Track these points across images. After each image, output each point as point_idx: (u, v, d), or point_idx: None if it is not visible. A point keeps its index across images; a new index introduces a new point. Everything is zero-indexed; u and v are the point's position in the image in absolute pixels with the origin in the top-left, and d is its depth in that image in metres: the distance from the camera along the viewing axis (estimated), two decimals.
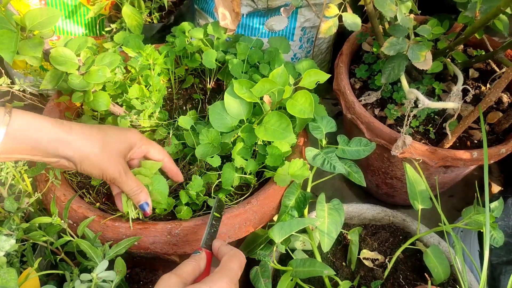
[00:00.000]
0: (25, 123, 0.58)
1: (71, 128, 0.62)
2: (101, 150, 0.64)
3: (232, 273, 0.56)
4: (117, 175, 0.66)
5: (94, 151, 0.63)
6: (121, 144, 0.67)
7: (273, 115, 0.77)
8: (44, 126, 0.59)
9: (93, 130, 0.64)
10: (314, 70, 0.81)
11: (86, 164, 0.63)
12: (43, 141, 0.59)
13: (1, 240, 0.55)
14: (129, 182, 0.68)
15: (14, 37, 0.64)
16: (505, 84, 0.75)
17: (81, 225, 0.68)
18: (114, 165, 0.65)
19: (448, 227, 0.70)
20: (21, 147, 0.58)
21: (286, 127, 0.76)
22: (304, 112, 0.76)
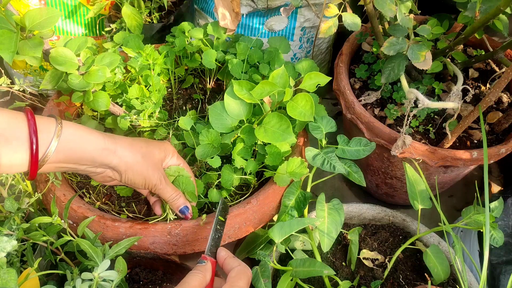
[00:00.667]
0: (75, 134, 0.60)
1: (115, 139, 0.65)
2: (144, 159, 0.67)
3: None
4: (158, 182, 0.69)
5: (137, 160, 0.66)
6: (160, 153, 0.71)
7: (273, 116, 0.77)
8: (92, 136, 0.62)
9: (135, 140, 0.68)
10: (314, 73, 0.81)
11: (130, 173, 0.66)
12: (91, 151, 0.61)
13: (2, 241, 0.55)
14: (169, 189, 0.71)
15: (14, 37, 0.64)
16: (505, 84, 0.75)
17: (81, 225, 0.68)
18: (156, 172, 0.69)
19: (448, 227, 0.70)
20: (71, 156, 0.60)
21: (286, 128, 0.76)
22: (305, 115, 0.76)
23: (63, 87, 0.79)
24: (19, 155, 0.54)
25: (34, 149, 0.55)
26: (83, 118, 0.90)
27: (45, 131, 0.57)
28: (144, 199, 0.83)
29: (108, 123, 0.87)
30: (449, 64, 0.95)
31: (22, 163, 0.56)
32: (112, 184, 0.70)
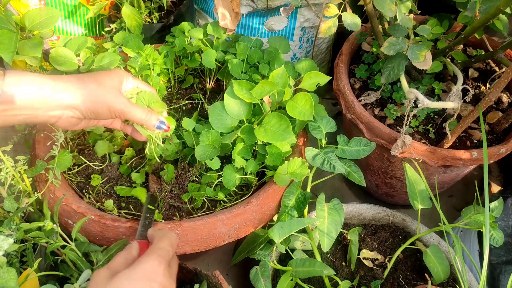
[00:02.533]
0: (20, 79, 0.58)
1: (66, 78, 0.62)
2: (99, 87, 0.64)
3: (161, 252, 0.57)
4: (123, 106, 0.66)
5: (92, 89, 0.63)
6: (113, 80, 0.68)
7: (273, 116, 0.77)
8: (40, 79, 0.60)
9: (84, 76, 0.65)
10: (314, 72, 0.81)
11: (90, 104, 0.63)
12: (42, 92, 0.59)
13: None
14: (137, 110, 0.68)
15: (14, 37, 0.64)
16: (504, 84, 0.75)
17: (75, 228, 0.67)
18: (117, 98, 0.66)
19: (448, 227, 0.70)
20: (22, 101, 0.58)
21: (286, 128, 0.76)
22: (304, 114, 0.76)
23: None
24: None
25: None
26: None
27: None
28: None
29: None
30: (449, 64, 0.96)
31: None
32: (82, 127, 0.69)
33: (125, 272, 0.54)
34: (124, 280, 0.53)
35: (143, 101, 0.71)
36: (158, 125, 0.71)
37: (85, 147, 0.89)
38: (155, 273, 0.54)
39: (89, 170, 0.86)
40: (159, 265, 0.55)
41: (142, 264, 0.55)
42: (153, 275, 0.54)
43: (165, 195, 0.82)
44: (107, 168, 0.86)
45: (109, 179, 0.85)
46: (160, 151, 0.75)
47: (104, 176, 0.85)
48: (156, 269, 0.55)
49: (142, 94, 0.71)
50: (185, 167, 0.85)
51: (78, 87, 0.62)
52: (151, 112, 0.71)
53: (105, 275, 0.54)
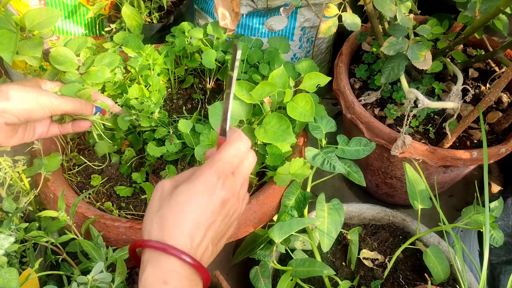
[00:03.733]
0: None
1: None
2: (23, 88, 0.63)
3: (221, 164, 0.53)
4: (53, 98, 0.65)
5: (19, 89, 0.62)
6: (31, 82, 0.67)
7: (273, 117, 0.77)
8: None
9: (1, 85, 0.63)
10: (315, 73, 0.81)
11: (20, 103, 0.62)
12: None
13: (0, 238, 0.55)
14: (69, 100, 0.68)
15: (14, 37, 0.64)
16: (504, 84, 0.75)
17: (85, 223, 0.68)
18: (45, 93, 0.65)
19: (448, 227, 0.70)
20: None
21: (286, 129, 0.75)
22: (305, 116, 0.76)
23: None
24: None
25: None
26: None
27: None
28: (144, 200, 0.83)
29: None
30: (449, 64, 0.96)
31: None
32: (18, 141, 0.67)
33: (184, 185, 0.53)
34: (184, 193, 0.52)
35: (69, 92, 0.71)
36: (96, 111, 0.72)
37: (85, 147, 0.89)
38: (213, 187, 0.52)
39: (89, 170, 0.86)
40: (218, 180, 0.53)
41: (200, 177, 0.53)
42: (212, 189, 0.52)
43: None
44: (107, 168, 0.86)
45: (109, 179, 0.85)
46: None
47: (104, 176, 0.85)
48: (214, 183, 0.53)
49: (64, 88, 0.71)
50: (185, 167, 0.85)
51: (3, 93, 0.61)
52: (84, 100, 0.71)
53: (169, 186, 0.53)
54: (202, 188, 0.52)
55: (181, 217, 0.51)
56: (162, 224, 0.51)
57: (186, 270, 0.49)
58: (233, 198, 0.54)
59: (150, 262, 0.49)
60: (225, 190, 0.53)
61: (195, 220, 0.51)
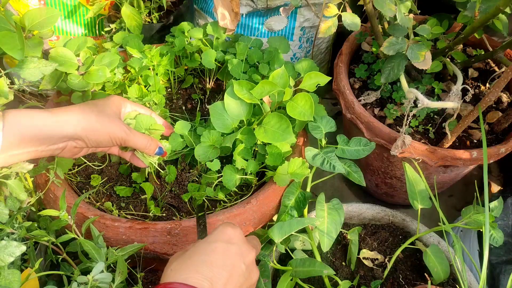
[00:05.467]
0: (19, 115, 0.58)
1: (65, 110, 0.63)
2: (99, 117, 0.65)
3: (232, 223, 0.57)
4: (124, 134, 0.67)
5: (93, 120, 0.64)
6: (111, 109, 0.69)
7: (273, 116, 0.77)
8: (39, 115, 0.60)
9: (82, 105, 0.66)
10: (314, 73, 0.81)
11: (92, 134, 0.64)
12: (43, 128, 0.59)
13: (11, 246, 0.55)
14: (137, 136, 0.70)
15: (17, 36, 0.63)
16: (504, 84, 0.75)
17: (85, 223, 0.68)
18: (117, 126, 0.67)
19: (448, 227, 0.70)
20: (24, 139, 0.58)
21: (286, 128, 0.75)
22: (304, 115, 0.76)
23: (63, 87, 0.79)
24: None
25: None
26: None
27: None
28: (143, 200, 0.83)
29: None
30: (448, 64, 0.96)
31: None
32: (84, 154, 0.70)
33: (202, 240, 0.54)
34: (200, 244, 0.53)
35: (142, 125, 0.74)
36: (157, 152, 0.74)
37: None
38: (230, 236, 0.54)
39: (89, 170, 0.86)
40: (234, 230, 0.55)
41: (216, 230, 0.55)
42: (230, 238, 0.54)
43: (165, 195, 0.82)
44: (107, 168, 0.86)
45: (109, 179, 0.85)
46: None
47: (104, 176, 0.85)
48: (232, 233, 0.54)
49: (140, 118, 0.73)
50: (185, 167, 0.85)
51: (79, 118, 0.63)
52: (151, 139, 0.73)
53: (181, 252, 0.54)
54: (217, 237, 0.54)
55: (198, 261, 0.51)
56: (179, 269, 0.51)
57: None
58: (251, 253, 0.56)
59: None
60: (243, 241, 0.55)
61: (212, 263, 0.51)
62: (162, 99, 0.88)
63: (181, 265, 0.51)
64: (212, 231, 0.56)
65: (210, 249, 0.52)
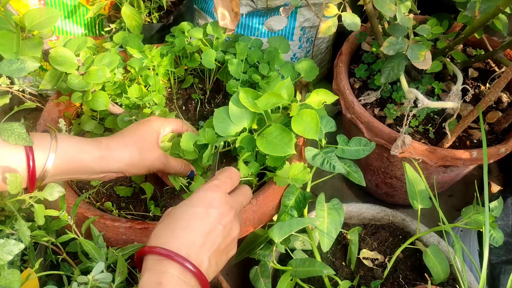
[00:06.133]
0: (70, 147, 0.62)
1: (109, 143, 0.67)
2: (140, 151, 0.69)
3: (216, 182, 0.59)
4: (161, 165, 0.72)
5: (135, 156, 0.69)
6: (152, 137, 0.73)
7: (275, 128, 0.75)
8: (87, 147, 0.64)
9: (126, 137, 0.70)
10: (323, 90, 0.77)
11: (132, 169, 0.69)
12: (89, 161, 0.64)
13: (9, 244, 0.55)
14: (172, 164, 0.74)
15: (15, 38, 0.63)
16: (504, 84, 0.75)
17: (85, 223, 0.68)
18: (156, 158, 0.72)
19: (448, 227, 0.70)
20: (69, 169, 0.63)
21: (288, 142, 0.74)
22: (309, 132, 0.74)
23: (63, 87, 0.79)
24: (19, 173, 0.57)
25: (31, 166, 0.58)
26: (82, 118, 0.90)
27: (41, 147, 0.59)
28: (143, 200, 0.83)
29: (107, 123, 0.87)
30: (448, 64, 0.96)
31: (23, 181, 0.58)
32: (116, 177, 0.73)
33: (185, 201, 0.57)
34: (182, 207, 0.56)
35: (178, 148, 0.77)
36: (190, 175, 0.78)
37: None
38: (210, 201, 0.56)
39: None
40: (214, 193, 0.57)
41: (198, 193, 0.57)
42: (209, 202, 0.56)
43: (165, 197, 0.82)
44: None
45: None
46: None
47: None
48: (211, 196, 0.57)
49: (176, 142, 0.78)
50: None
51: (123, 155, 0.68)
52: (185, 164, 0.77)
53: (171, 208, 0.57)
54: (198, 201, 0.56)
55: (178, 226, 0.53)
56: (160, 233, 0.53)
57: (187, 277, 0.50)
58: (230, 214, 0.57)
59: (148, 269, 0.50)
60: (222, 203, 0.57)
61: (191, 228, 0.53)
62: (162, 99, 0.88)
63: (163, 230, 0.54)
64: (195, 193, 0.58)
65: (191, 214, 0.55)
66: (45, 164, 0.60)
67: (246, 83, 0.91)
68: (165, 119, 0.78)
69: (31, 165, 0.58)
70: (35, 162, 0.58)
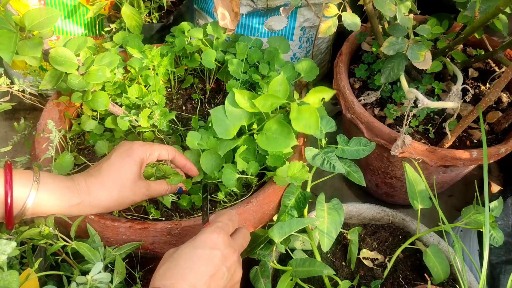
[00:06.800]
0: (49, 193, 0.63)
1: (88, 187, 0.67)
2: (120, 190, 0.68)
3: (220, 224, 0.60)
4: (144, 197, 0.72)
5: (113, 197, 0.68)
6: (133, 171, 0.70)
7: (273, 123, 0.75)
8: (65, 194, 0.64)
9: (104, 176, 0.68)
10: (320, 88, 0.77)
11: (115, 207, 0.70)
12: (67, 208, 0.65)
13: (1, 244, 0.55)
14: (157, 192, 0.74)
15: (13, 37, 0.64)
16: (504, 84, 0.75)
17: (74, 224, 0.66)
18: (137, 194, 0.71)
19: (448, 227, 0.70)
20: (47, 211, 0.64)
21: (288, 134, 0.74)
22: (310, 128, 0.73)
23: (63, 87, 0.79)
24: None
25: (8, 203, 0.58)
26: (82, 118, 0.90)
27: (21, 185, 0.60)
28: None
29: (107, 123, 0.87)
30: (448, 64, 0.96)
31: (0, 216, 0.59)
32: None
33: (188, 242, 0.57)
34: (186, 248, 0.56)
35: (161, 171, 0.77)
36: (178, 192, 0.78)
37: (85, 147, 0.89)
38: (215, 243, 0.57)
39: None
40: (218, 235, 0.58)
41: (202, 235, 0.58)
42: (214, 244, 0.57)
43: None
44: None
45: None
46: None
47: None
48: (216, 238, 0.57)
49: (159, 168, 0.77)
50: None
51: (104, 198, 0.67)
52: (169, 186, 0.76)
53: (174, 249, 0.58)
54: (202, 243, 0.57)
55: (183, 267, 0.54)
56: (166, 274, 0.53)
57: None
58: (234, 256, 0.58)
59: None
60: (226, 246, 0.57)
61: (197, 270, 0.54)
62: (162, 99, 0.88)
63: (168, 270, 0.54)
64: (198, 234, 0.59)
65: (197, 256, 0.55)
66: (24, 203, 0.60)
67: (246, 83, 0.91)
68: (151, 145, 0.73)
69: (9, 202, 0.58)
70: (13, 199, 0.58)
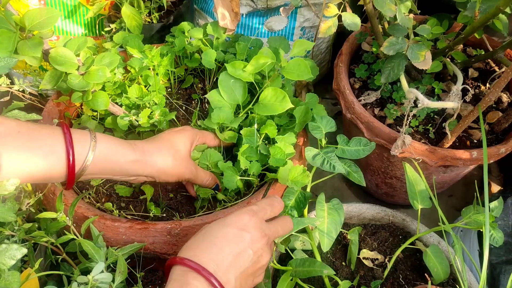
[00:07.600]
0: (108, 148, 0.63)
1: (144, 147, 0.68)
2: (174, 159, 0.70)
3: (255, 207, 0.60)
4: (191, 175, 0.74)
5: (168, 163, 0.70)
6: (185, 146, 0.73)
7: (268, 91, 0.80)
8: (124, 150, 0.65)
9: (161, 143, 0.71)
10: (301, 41, 0.86)
11: (163, 176, 0.70)
12: (124, 164, 0.65)
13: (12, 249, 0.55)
14: (200, 176, 0.76)
15: (13, 37, 0.64)
16: (504, 84, 0.75)
17: (85, 224, 0.68)
18: (187, 168, 0.72)
19: (448, 227, 0.70)
20: (105, 169, 0.64)
21: (283, 98, 0.79)
22: (303, 75, 0.79)
23: (63, 87, 0.79)
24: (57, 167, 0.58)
25: (70, 161, 0.58)
26: (83, 118, 0.90)
27: (81, 144, 0.60)
28: (143, 200, 0.83)
29: (107, 123, 0.87)
30: (448, 64, 0.96)
31: (61, 175, 0.59)
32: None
33: (220, 220, 0.57)
34: (216, 225, 0.56)
35: (207, 160, 0.79)
36: (214, 188, 0.79)
37: None
38: (245, 224, 0.56)
39: None
40: (250, 218, 0.57)
41: (234, 215, 0.57)
42: (244, 225, 0.56)
43: (165, 198, 0.82)
44: None
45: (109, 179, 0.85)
46: None
47: None
48: (247, 220, 0.57)
49: (207, 154, 0.79)
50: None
51: (157, 161, 0.69)
52: (212, 177, 0.78)
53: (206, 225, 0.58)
54: (232, 222, 0.56)
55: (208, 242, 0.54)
56: (191, 246, 0.54)
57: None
58: (262, 240, 0.57)
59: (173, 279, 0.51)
60: (256, 229, 0.57)
61: (221, 247, 0.54)
62: (162, 99, 0.88)
63: (194, 243, 0.55)
64: (231, 213, 0.59)
65: (223, 233, 0.55)
66: (84, 161, 0.60)
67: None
68: (198, 131, 0.78)
69: (70, 160, 0.58)
70: (74, 158, 0.58)
